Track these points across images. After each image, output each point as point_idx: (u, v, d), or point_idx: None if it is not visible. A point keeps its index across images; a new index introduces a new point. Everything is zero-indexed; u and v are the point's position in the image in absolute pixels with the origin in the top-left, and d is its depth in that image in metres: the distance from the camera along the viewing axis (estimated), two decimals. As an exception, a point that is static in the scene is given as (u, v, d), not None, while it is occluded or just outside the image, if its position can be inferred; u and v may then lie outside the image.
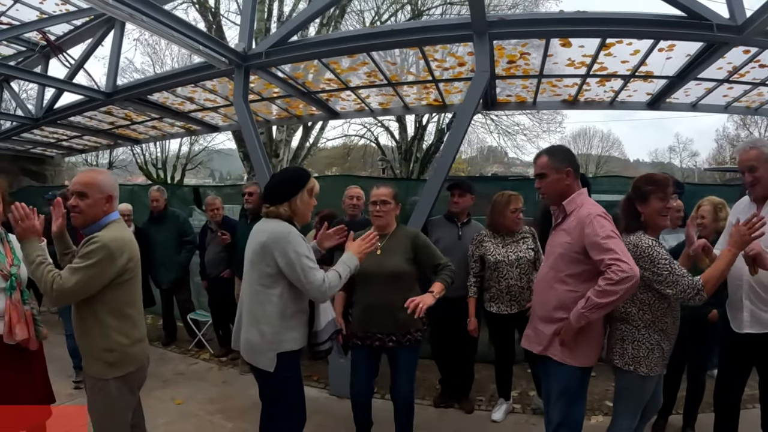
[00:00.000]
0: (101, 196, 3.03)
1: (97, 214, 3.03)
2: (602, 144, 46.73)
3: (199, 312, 7.64)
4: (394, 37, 5.63)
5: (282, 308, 3.18)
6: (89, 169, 3.34)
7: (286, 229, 3.17)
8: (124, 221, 3.37)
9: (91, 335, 2.99)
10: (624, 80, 6.71)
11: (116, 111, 9.25)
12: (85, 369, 3.08)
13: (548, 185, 3.37)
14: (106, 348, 2.98)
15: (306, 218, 3.42)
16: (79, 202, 2.98)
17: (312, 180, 3.40)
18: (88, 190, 2.99)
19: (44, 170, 14.93)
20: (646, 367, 3.20)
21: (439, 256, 4.05)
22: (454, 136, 5.51)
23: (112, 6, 4.44)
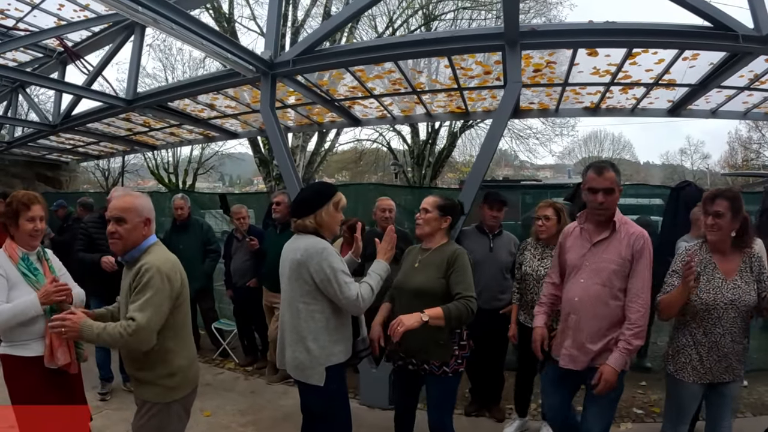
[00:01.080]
0: (140, 220, 2.99)
1: (137, 239, 2.99)
2: (613, 147, 46.49)
3: (223, 321, 7.61)
4: (423, 46, 5.61)
5: (326, 323, 3.20)
6: (125, 193, 3.27)
7: (321, 245, 3.18)
8: None
9: (153, 364, 2.93)
10: (647, 88, 6.67)
11: (134, 117, 9.27)
12: (141, 394, 3.00)
13: (612, 202, 3.31)
14: (168, 374, 2.96)
15: (333, 231, 3.45)
16: (118, 227, 2.93)
17: (339, 194, 3.43)
18: (127, 215, 2.94)
19: (59, 176, 14.99)
20: (673, 366, 3.34)
21: (462, 285, 3.50)
22: (487, 146, 5.49)
23: (140, 13, 4.41)
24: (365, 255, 5.85)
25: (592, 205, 3.36)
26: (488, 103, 7.75)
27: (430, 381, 3.66)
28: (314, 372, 3.16)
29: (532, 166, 39.68)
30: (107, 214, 3.03)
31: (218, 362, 7.20)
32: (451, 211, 3.77)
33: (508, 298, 5.23)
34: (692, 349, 3.30)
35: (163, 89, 7.93)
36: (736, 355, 3.25)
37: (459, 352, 3.58)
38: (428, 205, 3.76)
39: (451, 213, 3.77)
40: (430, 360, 3.55)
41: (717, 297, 3.21)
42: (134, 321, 2.70)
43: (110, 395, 5.67)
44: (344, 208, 3.46)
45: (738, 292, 3.21)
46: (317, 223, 3.28)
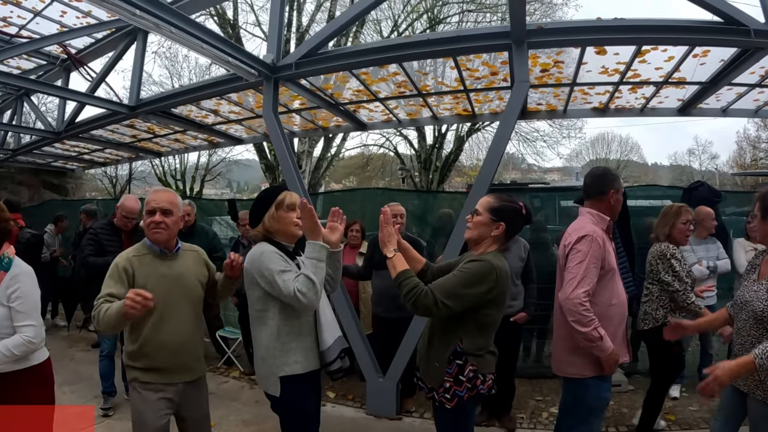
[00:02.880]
0: (180, 215, 3.32)
1: (176, 232, 3.32)
2: (621, 148, 46.25)
3: (228, 329, 7.57)
4: (428, 47, 5.51)
5: (276, 330, 3.05)
6: (165, 189, 3.53)
7: (259, 250, 3.10)
8: None
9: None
10: (656, 87, 6.57)
11: (139, 124, 9.25)
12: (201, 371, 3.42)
13: None
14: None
15: (289, 233, 3.23)
16: (166, 218, 3.19)
17: (282, 194, 3.26)
18: (173, 208, 3.25)
19: (65, 183, 15.08)
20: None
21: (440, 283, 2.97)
22: (495, 148, 5.40)
23: (139, 17, 4.35)
24: (372, 260, 5.79)
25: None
26: (495, 105, 7.66)
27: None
28: (267, 381, 3.09)
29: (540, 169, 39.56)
30: (152, 205, 3.21)
31: (223, 370, 7.15)
32: (506, 217, 3.11)
33: (519, 305, 5.18)
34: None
35: (165, 95, 7.88)
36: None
37: (452, 385, 2.99)
38: (480, 206, 3.19)
39: (507, 219, 3.10)
40: (423, 377, 3.20)
41: (739, 295, 3.07)
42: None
43: (113, 410, 5.57)
44: (295, 205, 3.22)
45: (755, 295, 2.95)
46: (265, 230, 3.21)
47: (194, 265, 3.35)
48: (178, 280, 3.22)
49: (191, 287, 3.27)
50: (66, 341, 8.50)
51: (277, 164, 17.38)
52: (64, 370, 6.72)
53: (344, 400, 5.98)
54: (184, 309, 3.22)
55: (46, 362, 3.23)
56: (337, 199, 9.58)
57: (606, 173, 3.70)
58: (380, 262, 5.67)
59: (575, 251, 3.34)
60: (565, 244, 3.48)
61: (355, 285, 6.40)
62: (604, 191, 3.58)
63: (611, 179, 3.61)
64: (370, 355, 5.77)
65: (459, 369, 3.00)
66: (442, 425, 3.23)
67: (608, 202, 3.58)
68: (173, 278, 3.21)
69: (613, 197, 3.57)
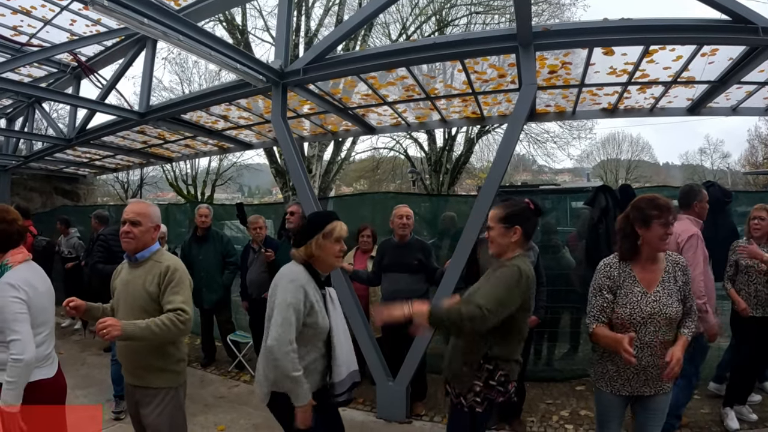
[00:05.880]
0: (151, 225, 3.40)
1: (147, 242, 3.39)
2: (632, 148, 46.04)
3: (239, 333, 7.59)
4: (435, 50, 5.50)
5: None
6: (139, 200, 3.76)
7: (290, 275, 3.13)
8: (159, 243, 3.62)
9: (168, 351, 3.32)
10: (665, 87, 6.52)
11: (149, 130, 9.30)
12: (153, 383, 3.29)
13: None
14: (177, 359, 3.40)
15: (328, 263, 3.27)
16: (133, 229, 3.31)
17: (333, 224, 3.23)
18: (142, 219, 3.34)
19: (77, 189, 15.20)
20: (594, 375, 3.41)
21: (476, 293, 3.04)
22: (504, 150, 5.37)
23: (146, 25, 4.37)
24: (381, 264, 5.80)
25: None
26: (504, 107, 7.62)
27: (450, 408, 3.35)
28: (260, 388, 3.19)
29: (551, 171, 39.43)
30: (123, 216, 3.36)
31: (234, 374, 7.16)
32: (518, 220, 3.20)
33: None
34: (609, 361, 3.21)
35: (175, 101, 7.90)
36: (656, 368, 3.06)
37: (482, 390, 3.06)
38: (490, 220, 3.30)
39: (520, 221, 3.19)
40: (450, 381, 3.24)
41: (634, 311, 3.07)
42: (184, 312, 3.16)
43: (124, 414, 5.57)
44: (342, 238, 3.26)
45: (657, 305, 3.07)
46: (306, 254, 3.21)
47: (150, 274, 3.30)
48: (127, 286, 3.34)
49: (135, 295, 3.27)
50: (78, 345, 8.55)
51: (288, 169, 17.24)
52: (77, 374, 6.79)
53: (354, 404, 5.95)
54: (127, 314, 3.24)
55: (36, 384, 3.03)
56: (348, 203, 9.57)
57: (689, 190, 4.88)
58: (389, 266, 5.71)
59: (689, 246, 4.39)
60: (678, 240, 4.43)
61: (365, 289, 6.39)
62: (689, 203, 4.80)
63: (694, 194, 4.81)
64: (380, 358, 5.76)
65: (489, 374, 3.05)
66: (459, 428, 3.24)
67: (694, 211, 4.78)
68: (125, 284, 3.37)
69: (697, 207, 4.78)
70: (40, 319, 3.09)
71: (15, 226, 3.14)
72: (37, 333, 3.04)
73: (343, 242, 3.27)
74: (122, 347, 3.31)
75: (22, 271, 3.09)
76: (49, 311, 3.22)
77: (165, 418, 3.30)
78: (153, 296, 3.25)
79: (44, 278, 3.25)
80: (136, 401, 3.35)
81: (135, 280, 3.31)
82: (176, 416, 3.38)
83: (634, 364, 2.97)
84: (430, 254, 5.84)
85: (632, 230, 3.16)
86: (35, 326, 3.03)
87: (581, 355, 6.81)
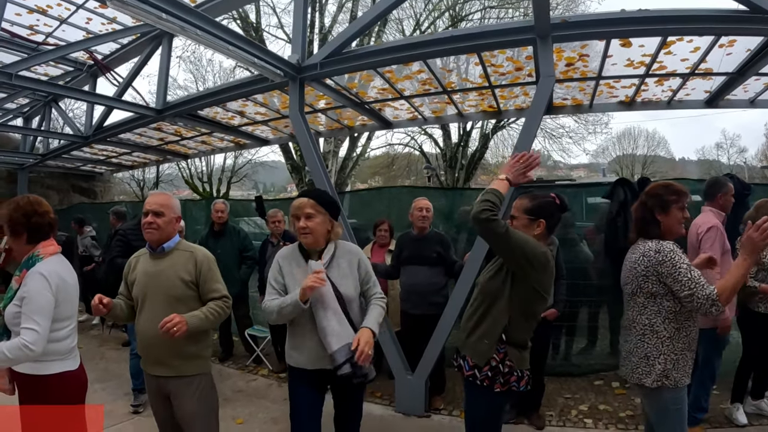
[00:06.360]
0: (174, 216, 3.46)
1: (170, 232, 3.45)
2: (648, 143, 45.42)
3: (256, 327, 7.62)
4: (452, 43, 5.46)
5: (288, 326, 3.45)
6: (161, 192, 3.81)
7: (280, 251, 3.62)
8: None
9: (201, 338, 3.41)
10: (683, 79, 6.45)
11: (166, 127, 9.35)
12: (187, 370, 3.35)
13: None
14: (206, 345, 3.53)
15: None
16: (156, 219, 3.36)
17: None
18: (165, 210, 3.40)
19: (94, 186, 15.31)
20: (674, 380, 3.05)
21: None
22: (523, 143, 5.30)
23: (165, 20, 4.37)
24: (400, 258, 5.80)
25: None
26: (521, 101, 7.58)
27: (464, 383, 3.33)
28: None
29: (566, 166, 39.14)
30: (145, 207, 3.41)
31: (251, 369, 7.20)
32: (543, 213, 3.20)
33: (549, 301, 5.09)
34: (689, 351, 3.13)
35: (192, 97, 7.92)
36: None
37: (498, 364, 3.06)
38: (515, 210, 3.29)
39: (545, 215, 3.20)
40: (466, 354, 3.21)
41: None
42: (229, 298, 3.44)
43: (143, 407, 5.62)
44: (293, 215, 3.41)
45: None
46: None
47: (181, 264, 3.38)
48: (157, 277, 3.35)
49: (168, 284, 3.31)
50: (97, 340, 8.63)
51: (304, 164, 17.49)
52: (96, 368, 6.84)
53: (372, 397, 5.98)
54: (158, 305, 3.27)
55: (59, 377, 3.02)
56: (364, 198, 9.57)
57: (715, 182, 5.03)
58: (408, 259, 5.71)
59: (707, 237, 4.53)
60: (699, 232, 4.61)
61: (383, 283, 6.29)
62: (714, 195, 4.92)
63: (719, 186, 4.94)
64: (399, 351, 5.75)
65: (502, 357, 3.08)
66: (475, 408, 3.27)
67: (718, 203, 4.90)
68: (152, 275, 3.37)
69: (721, 199, 4.89)
70: (68, 311, 3.07)
71: (47, 218, 3.13)
72: (63, 326, 3.03)
73: (299, 219, 3.32)
74: (152, 338, 3.21)
75: (54, 263, 3.07)
76: (75, 305, 3.19)
77: (203, 404, 3.39)
78: (189, 285, 3.34)
79: (72, 272, 3.21)
80: (168, 393, 3.36)
81: (165, 271, 3.34)
82: (212, 401, 3.50)
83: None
84: (449, 247, 5.82)
85: (652, 217, 3.18)
86: (62, 319, 3.00)
87: (599, 349, 6.78)
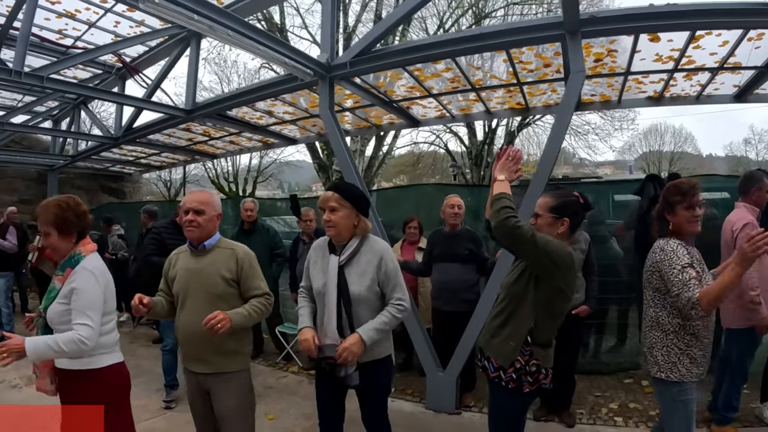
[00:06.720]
0: (215, 213, 3.45)
1: (211, 230, 3.44)
2: (674, 140, 44.58)
3: (286, 325, 7.65)
4: (481, 41, 5.46)
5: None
6: (201, 189, 3.75)
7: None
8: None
9: (243, 335, 3.43)
10: (711, 73, 6.38)
11: (194, 127, 9.47)
12: (227, 367, 3.35)
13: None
14: (248, 342, 3.56)
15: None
16: (197, 217, 3.34)
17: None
18: (206, 207, 3.38)
19: (123, 187, 15.52)
20: (679, 375, 3.14)
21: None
22: (553, 140, 5.32)
23: (197, 22, 4.44)
24: (432, 255, 5.81)
25: None
26: (548, 98, 7.56)
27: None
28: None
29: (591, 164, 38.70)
30: (186, 205, 3.39)
31: (282, 366, 7.25)
32: (568, 212, 3.15)
33: (581, 298, 5.11)
34: (698, 348, 3.20)
35: (221, 98, 8.01)
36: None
37: (523, 366, 3.05)
38: (539, 208, 3.24)
39: (569, 213, 3.15)
40: (491, 355, 3.18)
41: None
42: (271, 296, 3.46)
43: (175, 403, 5.71)
44: (321, 207, 3.42)
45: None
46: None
47: (222, 261, 3.38)
48: (198, 274, 3.35)
49: (210, 282, 3.31)
50: (127, 337, 8.69)
51: (331, 163, 17.70)
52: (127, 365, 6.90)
53: (403, 394, 6.01)
54: (199, 302, 3.28)
55: (108, 369, 3.16)
56: (390, 196, 9.59)
57: (749, 177, 4.89)
58: (440, 256, 5.72)
59: (743, 235, 4.34)
60: (733, 229, 4.58)
61: (413, 280, 6.40)
62: (747, 190, 4.82)
63: (753, 181, 4.81)
64: (430, 348, 5.76)
65: (527, 358, 3.06)
66: (499, 408, 3.27)
67: (752, 198, 4.78)
68: (194, 272, 3.37)
69: (755, 194, 4.76)
70: (111, 306, 3.15)
71: (86, 218, 3.17)
72: (110, 319, 3.14)
73: (324, 211, 3.34)
74: (193, 335, 3.27)
75: (96, 260, 3.15)
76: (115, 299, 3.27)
77: (241, 400, 3.40)
78: (230, 282, 3.34)
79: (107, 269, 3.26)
80: (207, 389, 3.38)
81: (206, 269, 3.34)
82: (250, 398, 3.50)
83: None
84: (481, 244, 5.82)
85: (663, 216, 3.29)
86: (106, 313, 3.07)
87: (628, 347, 6.74)
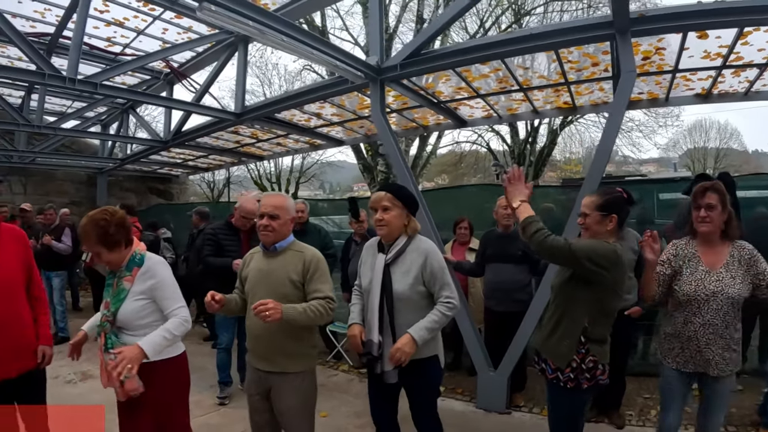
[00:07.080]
0: (289, 217, 3.51)
1: (285, 233, 3.50)
2: (720, 135, 43.45)
3: (337, 324, 7.70)
4: (530, 42, 5.46)
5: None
6: (276, 193, 3.80)
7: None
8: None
9: (306, 337, 3.48)
10: (760, 69, 6.27)
11: (242, 130, 9.64)
12: (291, 368, 3.39)
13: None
14: (312, 345, 3.59)
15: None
16: (272, 222, 3.41)
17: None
18: (280, 212, 3.44)
19: (170, 189, 15.83)
20: (660, 352, 3.63)
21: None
22: (606, 139, 5.31)
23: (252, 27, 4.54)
24: (485, 255, 5.83)
25: None
26: (596, 96, 7.53)
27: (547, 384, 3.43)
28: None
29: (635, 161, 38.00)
30: (261, 210, 3.48)
31: (332, 364, 7.35)
32: (615, 208, 3.26)
33: (633, 299, 5.04)
34: (674, 338, 3.46)
35: (270, 101, 8.18)
36: (718, 348, 3.28)
37: (580, 365, 3.15)
38: (586, 207, 3.33)
39: (616, 210, 3.25)
40: (547, 357, 3.30)
41: (698, 288, 3.32)
42: (333, 300, 3.36)
43: (228, 399, 5.86)
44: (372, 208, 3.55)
45: (720, 285, 3.27)
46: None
47: (291, 263, 3.43)
48: (268, 275, 3.43)
49: (277, 283, 3.37)
50: (179, 335, 8.87)
51: (375, 164, 17.78)
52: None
53: (453, 393, 6.06)
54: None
55: (182, 356, 3.55)
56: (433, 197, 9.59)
57: None
58: (493, 257, 5.74)
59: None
60: None
61: (464, 280, 6.44)
62: None
63: None
64: (482, 348, 5.79)
65: (583, 355, 3.14)
66: (558, 408, 3.36)
67: None
68: (264, 273, 3.45)
69: None
70: None
71: (126, 224, 3.28)
72: None
73: (376, 212, 3.48)
74: (259, 333, 3.39)
75: (155, 254, 3.41)
76: None
77: (301, 400, 3.43)
78: (296, 284, 3.38)
79: None
80: (269, 387, 3.44)
81: (277, 270, 3.41)
82: (311, 399, 3.52)
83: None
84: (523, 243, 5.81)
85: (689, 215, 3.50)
86: None
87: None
